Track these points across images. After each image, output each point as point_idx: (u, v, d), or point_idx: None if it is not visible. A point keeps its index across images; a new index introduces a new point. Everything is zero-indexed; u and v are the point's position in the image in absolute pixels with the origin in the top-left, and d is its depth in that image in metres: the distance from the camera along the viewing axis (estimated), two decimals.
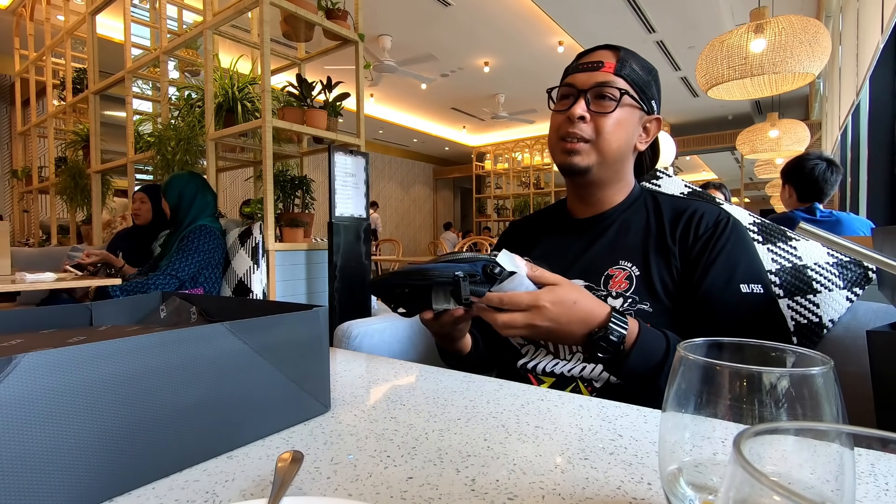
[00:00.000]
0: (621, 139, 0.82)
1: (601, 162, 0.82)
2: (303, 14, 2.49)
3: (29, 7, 4.63)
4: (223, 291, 2.35)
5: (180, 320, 0.64)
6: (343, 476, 0.37)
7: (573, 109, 0.81)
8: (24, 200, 5.49)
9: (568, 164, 0.83)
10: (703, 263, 0.76)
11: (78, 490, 0.31)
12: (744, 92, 2.84)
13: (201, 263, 2.18)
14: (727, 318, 0.73)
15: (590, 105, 0.81)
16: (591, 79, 0.81)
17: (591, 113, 0.81)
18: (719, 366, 0.26)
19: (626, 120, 0.82)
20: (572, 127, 0.81)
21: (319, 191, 2.85)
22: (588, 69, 0.82)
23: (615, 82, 0.80)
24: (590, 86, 0.81)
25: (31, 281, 1.97)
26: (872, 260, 0.49)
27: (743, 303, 0.72)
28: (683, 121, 9.80)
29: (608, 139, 0.81)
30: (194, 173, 2.40)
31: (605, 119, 0.80)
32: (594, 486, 0.35)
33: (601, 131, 0.81)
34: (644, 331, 0.66)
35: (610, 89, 0.80)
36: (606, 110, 0.80)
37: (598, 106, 0.81)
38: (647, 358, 0.65)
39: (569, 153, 0.82)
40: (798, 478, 0.21)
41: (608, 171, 0.84)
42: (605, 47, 0.84)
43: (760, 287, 0.73)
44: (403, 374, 0.65)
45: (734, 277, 0.74)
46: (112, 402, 0.33)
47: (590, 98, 0.81)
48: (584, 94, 0.81)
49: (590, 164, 0.82)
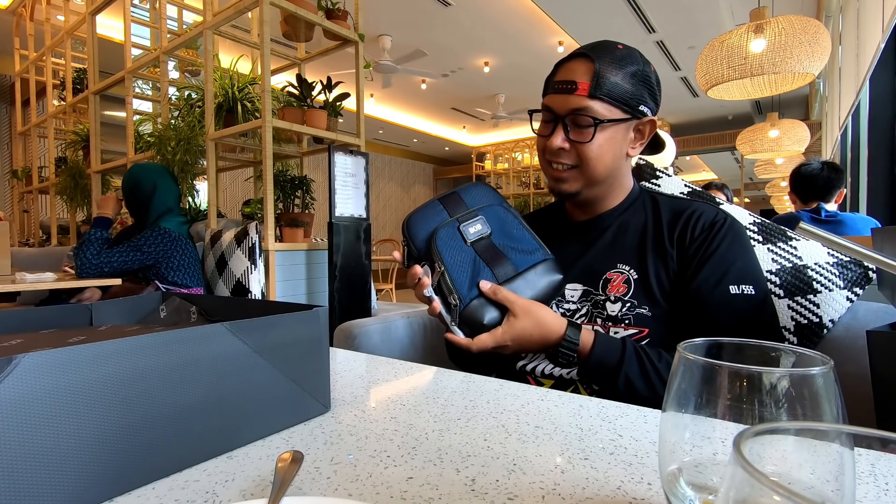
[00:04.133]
0: (607, 161, 0.80)
1: (589, 184, 0.82)
2: (303, 14, 2.49)
3: (29, 7, 4.62)
4: (220, 292, 2.35)
5: (180, 320, 0.64)
6: (343, 476, 0.37)
7: (552, 140, 0.79)
8: (24, 200, 5.49)
9: (557, 190, 0.84)
10: (696, 262, 0.76)
11: (78, 490, 0.31)
12: (744, 92, 2.84)
13: (141, 262, 2.14)
14: (714, 318, 0.73)
15: (569, 133, 0.78)
16: (566, 104, 0.77)
17: (569, 141, 0.78)
18: (719, 366, 0.26)
19: (609, 140, 0.79)
20: (555, 155, 0.80)
21: (319, 191, 2.85)
22: (562, 91, 0.78)
23: (589, 109, 0.76)
24: (566, 112, 0.78)
25: (31, 281, 1.97)
26: (872, 260, 0.49)
27: (731, 304, 0.72)
28: (683, 121, 9.80)
29: (592, 165, 0.79)
30: (146, 167, 2.35)
31: (585, 147, 0.78)
32: (594, 486, 0.35)
33: (584, 159, 0.79)
34: (599, 342, 0.72)
35: (584, 117, 0.76)
36: (585, 139, 0.77)
37: (577, 134, 0.78)
38: (603, 365, 0.72)
39: (556, 180, 0.83)
40: (798, 478, 0.21)
41: (600, 188, 0.84)
42: (579, 56, 0.79)
43: (752, 289, 0.73)
44: (403, 374, 0.65)
45: (725, 278, 0.74)
46: (112, 402, 0.33)
47: (567, 124, 0.78)
48: (561, 121, 0.79)
49: (578, 188, 0.82)
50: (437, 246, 0.76)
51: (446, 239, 0.77)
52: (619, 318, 0.77)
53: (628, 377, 0.70)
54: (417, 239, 0.79)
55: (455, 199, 0.82)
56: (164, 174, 2.34)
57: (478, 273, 0.75)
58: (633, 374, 0.70)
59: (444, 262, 0.74)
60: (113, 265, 2.09)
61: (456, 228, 0.77)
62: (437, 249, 0.75)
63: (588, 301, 0.81)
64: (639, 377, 0.70)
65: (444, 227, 0.77)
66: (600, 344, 0.72)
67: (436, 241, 0.76)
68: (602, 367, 0.71)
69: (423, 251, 0.78)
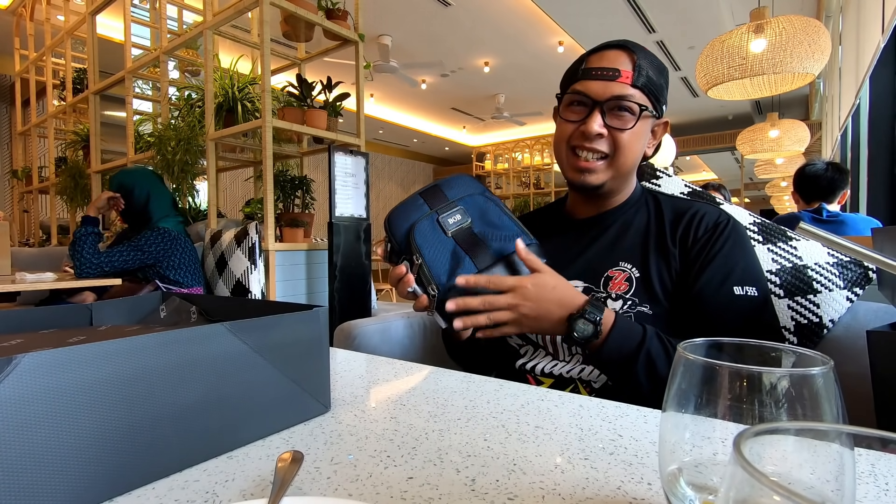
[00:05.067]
0: (637, 153, 0.80)
1: (615, 177, 0.81)
2: (303, 14, 2.49)
3: (29, 7, 4.62)
4: (220, 292, 2.35)
5: (180, 320, 0.64)
6: (343, 476, 0.37)
7: (589, 125, 0.76)
8: (24, 200, 5.49)
9: (581, 182, 0.81)
10: (700, 263, 0.76)
11: (78, 490, 0.31)
12: (744, 92, 2.84)
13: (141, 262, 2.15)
14: (717, 318, 0.73)
15: (605, 118, 0.76)
16: (608, 90, 0.76)
17: (607, 127, 0.77)
18: (719, 366, 0.26)
19: (642, 132, 0.79)
20: (588, 142, 0.78)
21: (319, 191, 2.85)
22: (603, 77, 0.76)
23: (634, 96, 0.76)
24: (606, 98, 0.76)
25: (31, 281, 1.97)
26: (872, 260, 0.49)
27: (734, 304, 0.72)
28: (683, 121, 9.80)
29: (626, 154, 0.78)
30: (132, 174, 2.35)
31: (625, 135, 0.76)
32: (594, 486, 0.35)
33: (619, 147, 0.77)
34: (620, 319, 0.69)
35: (630, 104, 0.75)
36: (626, 126, 0.76)
37: (617, 120, 0.77)
38: (623, 344, 0.67)
39: (583, 171, 0.80)
40: (798, 478, 0.21)
41: (620, 183, 0.83)
42: (618, 47, 0.79)
43: (755, 290, 0.73)
44: (403, 374, 0.65)
45: (729, 279, 0.74)
46: (112, 401, 0.33)
47: (605, 110, 0.76)
48: (599, 107, 0.76)
49: (604, 180, 0.80)
50: (416, 238, 0.74)
51: (425, 231, 0.75)
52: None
53: (650, 355, 0.66)
54: (398, 234, 0.77)
55: (436, 192, 0.80)
56: (154, 180, 2.36)
57: (458, 262, 0.74)
58: (655, 352, 0.66)
59: (422, 254, 0.73)
60: (113, 264, 2.09)
61: (435, 220, 0.76)
62: (415, 242, 0.74)
63: None
64: (661, 355, 0.66)
65: (423, 219, 0.76)
66: (622, 320, 0.69)
67: (414, 234, 0.74)
68: (623, 344, 0.67)
69: (403, 245, 0.77)
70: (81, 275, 2.07)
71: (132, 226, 2.35)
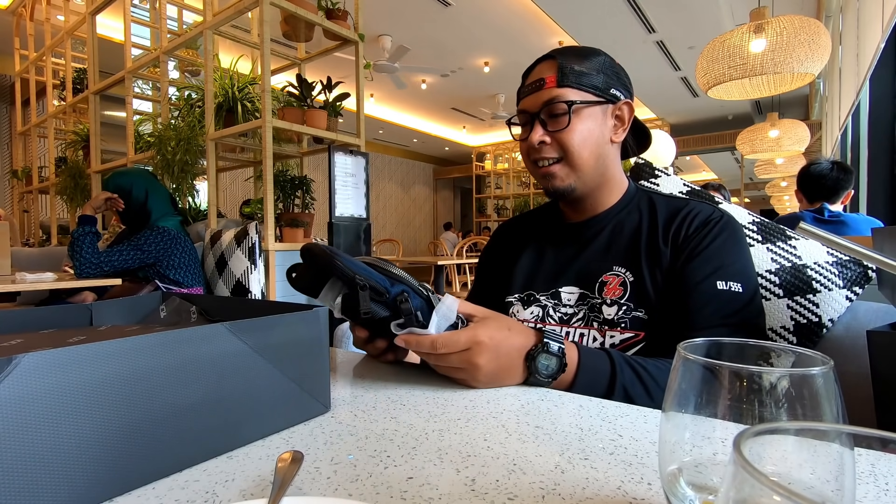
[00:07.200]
0: (590, 145, 0.81)
1: (580, 175, 0.82)
2: (303, 14, 2.49)
3: (29, 7, 4.63)
4: (220, 292, 2.35)
5: (180, 320, 0.64)
6: (343, 476, 0.37)
7: (531, 138, 0.80)
8: (24, 200, 5.49)
9: (550, 188, 0.83)
10: (686, 256, 0.76)
11: (78, 490, 0.31)
12: (744, 92, 2.84)
13: (141, 261, 2.16)
14: (697, 311, 0.72)
15: (546, 126, 0.80)
16: (538, 100, 0.80)
17: (549, 134, 0.80)
18: (719, 366, 0.26)
19: (588, 124, 0.80)
20: (537, 153, 0.81)
21: (319, 191, 2.85)
22: (533, 90, 0.81)
23: (561, 96, 0.79)
24: (538, 107, 0.80)
25: (31, 281, 1.97)
26: (872, 260, 0.49)
27: (715, 298, 0.72)
28: (683, 121, 9.80)
29: (577, 151, 0.80)
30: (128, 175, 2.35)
31: (565, 134, 0.79)
32: (594, 486, 0.35)
33: (566, 146, 0.80)
34: (584, 352, 0.63)
35: (558, 104, 0.79)
36: (561, 126, 0.79)
37: (554, 124, 0.80)
38: (594, 377, 0.61)
39: (546, 177, 0.83)
40: (798, 478, 0.21)
41: (591, 178, 0.83)
42: (543, 60, 0.83)
43: (740, 287, 0.72)
44: (403, 374, 0.65)
45: (714, 273, 0.73)
46: (112, 402, 0.33)
47: (543, 119, 0.80)
48: (536, 117, 0.81)
49: (571, 182, 0.82)
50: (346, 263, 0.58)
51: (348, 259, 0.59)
52: (615, 322, 0.77)
53: (625, 389, 0.62)
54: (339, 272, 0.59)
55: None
56: (151, 180, 2.35)
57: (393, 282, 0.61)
58: (629, 382, 0.62)
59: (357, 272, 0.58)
60: (113, 264, 2.09)
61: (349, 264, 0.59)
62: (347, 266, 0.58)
63: (585, 304, 0.81)
64: (635, 383, 0.63)
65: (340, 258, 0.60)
66: (586, 354, 0.63)
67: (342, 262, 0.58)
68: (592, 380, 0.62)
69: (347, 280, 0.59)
70: (81, 275, 2.07)
71: (131, 226, 2.35)
